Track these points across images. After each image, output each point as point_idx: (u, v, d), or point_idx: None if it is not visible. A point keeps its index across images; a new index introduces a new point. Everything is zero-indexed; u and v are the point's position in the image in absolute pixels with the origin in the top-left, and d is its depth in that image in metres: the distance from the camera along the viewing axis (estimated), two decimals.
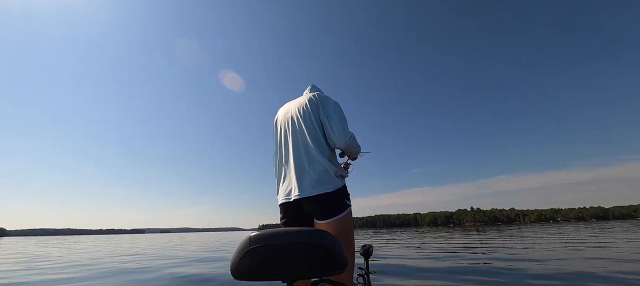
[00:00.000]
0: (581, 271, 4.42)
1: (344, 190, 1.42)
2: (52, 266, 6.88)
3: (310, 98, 1.50)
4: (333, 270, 0.78)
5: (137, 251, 11.91)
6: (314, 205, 1.34)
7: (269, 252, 0.74)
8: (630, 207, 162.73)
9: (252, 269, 0.75)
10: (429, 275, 4.48)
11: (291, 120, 1.51)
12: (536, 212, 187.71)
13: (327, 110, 1.45)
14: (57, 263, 7.71)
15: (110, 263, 7.33)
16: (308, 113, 1.46)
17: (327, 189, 1.34)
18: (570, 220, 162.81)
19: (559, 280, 3.86)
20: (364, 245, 1.88)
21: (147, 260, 8.02)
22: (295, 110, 1.52)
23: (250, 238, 0.75)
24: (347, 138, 1.42)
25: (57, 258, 9.33)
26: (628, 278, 3.88)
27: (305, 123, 1.45)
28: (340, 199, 1.37)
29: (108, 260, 8.20)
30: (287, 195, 1.41)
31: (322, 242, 0.76)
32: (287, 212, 1.43)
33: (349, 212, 1.38)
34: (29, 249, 15.17)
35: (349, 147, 1.47)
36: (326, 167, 1.38)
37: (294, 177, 1.41)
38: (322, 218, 1.33)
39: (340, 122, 1.43)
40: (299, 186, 1.37)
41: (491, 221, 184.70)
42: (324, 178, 1.36)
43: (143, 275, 5.23)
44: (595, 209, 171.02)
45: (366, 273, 1.77)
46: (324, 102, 1.47)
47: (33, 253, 12.09)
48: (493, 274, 4.43)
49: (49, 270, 6.17)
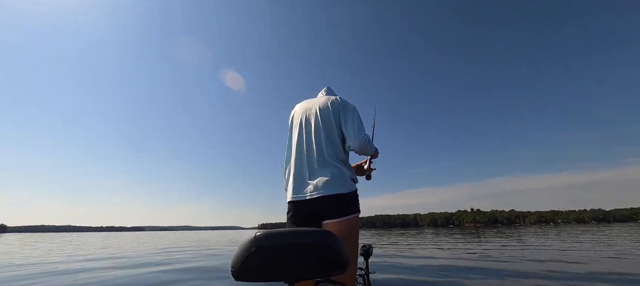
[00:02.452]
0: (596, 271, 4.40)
1: (356, 195, 1.44)
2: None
3: (333, 101, 1.52)
4: (335, 270, 0.77)
5: (113, 252, 10.34)
6: (327, 205, 1.35)
7: (273, 252, 0.73)
8: (631, 209, 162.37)
9: (255, 269, 0.73)
10: (429, 275, 4.49)
11: (311, 119, 1.51)
12: (536, 213, 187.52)
13: (346, 113, 1.48)
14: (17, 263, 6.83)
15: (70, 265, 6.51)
16: (330, 115, 1.48)
17: (342, 190, 1.36)
18: (570, 222, 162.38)
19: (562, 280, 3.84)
20: (364, 245, 1.87)
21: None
22: (316, 109, 1.52)
23: (256, 238, 0.73)
24: (361, 139, 1.44)
25: (27, 256, 8.85)
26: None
27: (326, 124, 1.47)
28: (352, 202, 1.40)
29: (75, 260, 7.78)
30: (301, 192, 1.41)
31: (325, 242, 0.75)
32: (298, 210, 1.42)
33: (357, 217, 1.41)
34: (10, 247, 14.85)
35: (364, 149, 1.48)
36: (342, 170, 1.41)
37: (309, 176, 1.41)
38: (332, 217, 1.34)
39: (357, 124, 1.46)
40: (315, 185, 1.37)
41: (491, 223, 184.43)
42: (339, 179, 1.37)
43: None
44: (596, 211, 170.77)
45: (366, 273, 1.77)
46: (345, 105, 1.51)
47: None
48: (493, 273, 4.43)
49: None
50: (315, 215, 1.39)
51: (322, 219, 1.39)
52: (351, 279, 1.33)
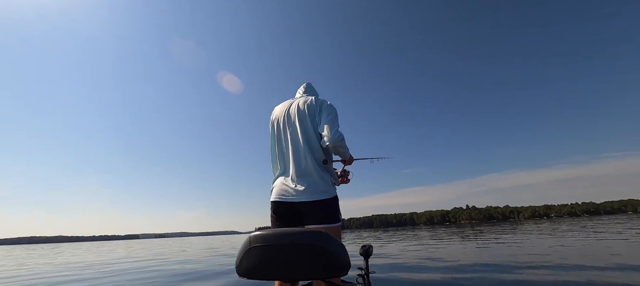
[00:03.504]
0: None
1: (337, 200, 1.46)
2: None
3: (309, 102, 1.53)
4: (335, 272, 0.77)
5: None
6: (310, 210, 1.37)
7: (268, 252, 0.75)
8: (620, 201, 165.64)
9: (252, 268, 0.76)
10: (428, 274, 4.50)
11: (289, 121, 1.52)
12: (530, 208, 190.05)
13: (322, 112, 1.49)
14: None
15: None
16: (306, 116, 1.49)
17: (325, 196, 1.38)
18: (563, 215, 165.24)
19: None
20: (363, 245, 1.90)
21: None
22: (294, 111, 1.53)
23: (250, 238, 0.77)
24: (334, 137, 1.40)
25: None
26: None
27: (304, 126, 1.48)
28: (335, 209, 1.42)
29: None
30: (284, 194, 1.41)
31: (325, 243, 0.76)
32: (281, 210, 1.43)
33: (339, 226, 1.43)
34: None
35: (337, 146, 1.44)
36: (323, 174, 1.43)
37: (291, 178, 1.43)
38: (318, 223, 1.35)
39: (331, 121, 1.45)
40: (296, 189, 1.38)
41: (486, 219, 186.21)
42: (321, 185, 1.39)
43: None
44: (587, 205, 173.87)
45: (366, 273, 1.79)
46: (321, 104, 1.52)
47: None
48: (493, 273, 4.44)
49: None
50: (299, 216, 1.40)
51: (305, 222, 1.40)
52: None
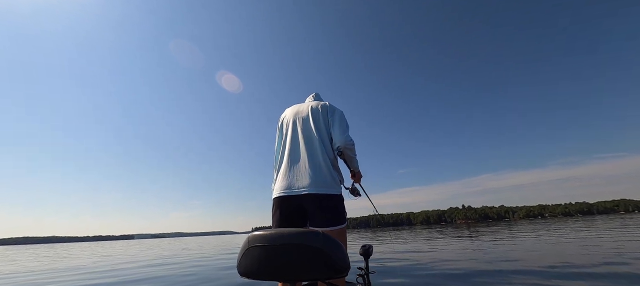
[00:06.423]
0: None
1: (342, 199, 1.49)
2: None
3: (322, 105, 1.66)
4: (335, 273, 0.77)
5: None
6: (314, 203, 1.38)
7: (266, 253, 0.75)
8: (612, 201, 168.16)
9: (251, 268, 0.77)
10: (428, 274, 4.48)
11: (303, 121, 1.61)
12: (524, 208, 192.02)
13: (334, 115, 1.62)
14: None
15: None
16: (320, 117, 1.61)
17: (331, 191, 1.40)
18: (557, 215, 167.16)
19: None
20: (363, 245, 1.89)
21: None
22: (308, 111, 1.63)
23: (249, 238, 0.78)
24: (346, 139, 1.54)
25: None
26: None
27: (318, 125, 1.58)
28: (340, 209, 1.43)
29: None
30: (288, 188, 1.42)
31: (324, 244, 0.75)
32: (285, 206, 1.43)
33: (345, 228, 1.44)
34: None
35: (347, 149, 1.56)
36: (332, 171, 1.48)
37: (299, 173, 1.45)
38: (322, 225, 1.35)
39: (344, 125, 1.60)
40: (303, 182, 1.40)
41: (482, 219, 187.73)
42: (329, 179, 1.43)
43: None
44: (581, 204, 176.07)
45: (366, 273, 1.79)
46: (333, 109, 1.66)
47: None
48: (493, 272, 4.37)
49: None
50: (302, 211, 1.41)
51: (307, 217, 1.41)
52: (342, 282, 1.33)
